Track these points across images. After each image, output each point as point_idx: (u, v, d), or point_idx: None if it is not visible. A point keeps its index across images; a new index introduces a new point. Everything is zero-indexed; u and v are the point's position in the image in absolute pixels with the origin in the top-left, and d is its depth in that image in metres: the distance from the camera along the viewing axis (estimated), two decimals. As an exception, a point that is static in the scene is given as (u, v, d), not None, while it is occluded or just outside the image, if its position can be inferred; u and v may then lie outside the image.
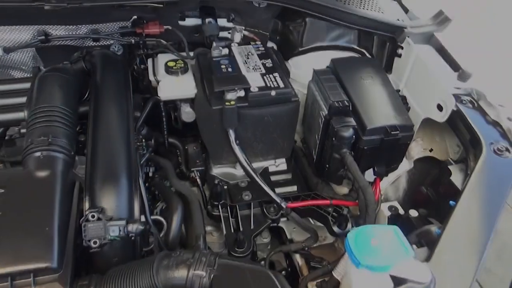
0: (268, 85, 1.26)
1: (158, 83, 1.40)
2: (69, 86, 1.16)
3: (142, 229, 0.90)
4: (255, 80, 1.27)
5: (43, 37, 1.38)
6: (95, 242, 0.89)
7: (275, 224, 1.27)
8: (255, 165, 1.37)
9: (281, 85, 1.27)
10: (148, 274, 0.81)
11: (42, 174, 0.93)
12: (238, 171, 1.38)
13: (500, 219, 0.92)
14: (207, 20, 1.47)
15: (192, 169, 1.34)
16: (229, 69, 1.31)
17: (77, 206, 0.95)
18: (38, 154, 0.96)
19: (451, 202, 0.98)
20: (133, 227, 0.89)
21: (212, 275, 0.79)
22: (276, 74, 1.31)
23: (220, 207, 1.24)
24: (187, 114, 1.46)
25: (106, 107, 1.14)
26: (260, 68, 1.33)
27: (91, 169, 1.01)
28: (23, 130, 1.07)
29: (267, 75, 1.30)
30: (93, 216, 0.90)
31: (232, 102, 1.20)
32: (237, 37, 1.48)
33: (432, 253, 0.85)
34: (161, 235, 1.08)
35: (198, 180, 1.33)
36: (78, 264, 0.88)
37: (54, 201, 0.89)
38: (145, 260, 0.85)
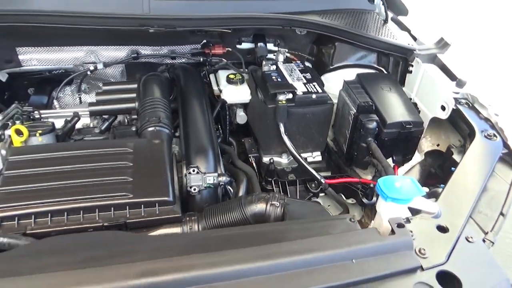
0: (310, 90, 1.65)
1: (220, 92, 1.80)
2: (164, 85, 1.57)
3: (229, 180, 1.25)
4: (299, 87, 1.66)
5: (135, 55, 1.81)
6: (194, 189, 1.25)
7: (315, 198, 1.60)
8: (297, 156, 1.72)
9: (320, 90, 1.65)
10: (238, 207, 1.14)
11: (156, 141, 1.31)
12: (283, 160, 1.73)
13: (489, 181, 1.26)
14: (259, 44, 1.89)
15: (249, 155, 1.69)
16: (279, 79, 1.70)
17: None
18: (152, 128, 1.34)
19: (452, 168, 1.31)
20: (222, 178, 1.25)
21: (283, 206, 1.13)
22: (314, 83, 1.70)
23: (273, 182, 1.58)
24: (241, 117, 1.84)
25: (191, 103, 1.54)
26: (302, 79, 1.73)
27: (185, 144, 1.38)
28: (134, 116, 1.46)
29: (308, 84, 1.69)
30: (193, 170, 1.26)
31: (284, 102, 1.58)
32: (281, 58, 1.88)
33: (437, 199, 1.18)
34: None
35: (253, 163, 1.68)
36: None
37: (165, 158, 1.26)
38: (233, 200, 1.20)
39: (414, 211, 1.12)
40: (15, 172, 1.15)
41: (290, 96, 1.60)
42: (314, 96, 1.62)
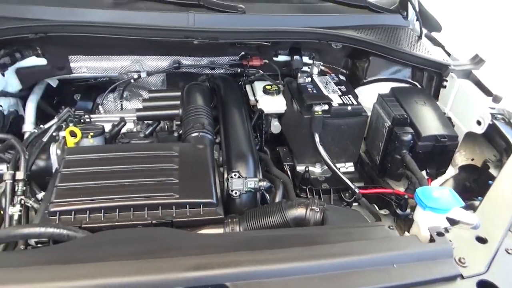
0: (345, 102, 1.69)
1: (257, 102, 1.87)
2: (205, 94, 1.65)
3: (269, 185, 1.30)
4: (334, 99, 1.70)
5: (177, 65, 1.91)
6: (236, 192, 1.30)
7: (349, 207, 1.63)
8: (330, 166, 1.76)
9: (355, 102, 1.70)
10: (279, 211, 1.19)
11: (200, 146, 1.38)
12: (317, 169, 1.77)
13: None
14: (294, 57, 1.96)
15: (284, 163, 1.74)
16: (314, 91, 1.75)
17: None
18: (196, 134, 1.42)
19: (489, 182, 1.33)
20: (263, 183, 1.30)
21: (323, 212, 1.17)
22: (349, 96, 1.74)
23: (307, 190, 1.62)
24: (275, 126, 1.90)
25: (231, 111, 1.62)
26: (337, 91, 1.77)
27: (226, 150, 1.45)
28: (177, 123, 1.54)
29: (343, 96, 1.74)
30: (235, 175, 1.32)
31: (320, 112, 1.63)
32: (315, 70, 1.94)
33: (475, 211, 1.19)
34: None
35: (288, 172, 1.72)
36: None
37: (209, 163, 1.32)
38: (273, 204, 1.25)
39: (452, 222, 1.14)
40: (71, 170, 1.24)
41: (326, 107, 1.65)
42: (349, 108, 1.67)
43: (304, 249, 0.96)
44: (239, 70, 1.96)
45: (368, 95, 1.89)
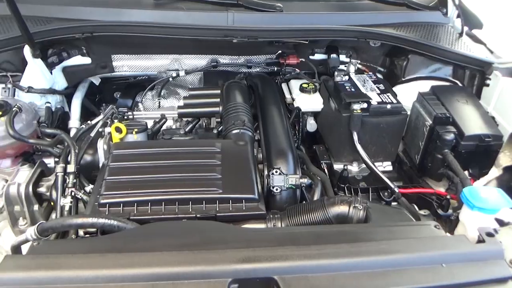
0: (384, 100, 1.67)
1: (293, 100, 1.88)
2: (244, 91, 1.68)
3: (310, 183, 1.31)
4: (373, 97, 1.69)
5: (214, 63, 1.94)
6: (277, 189, 1.31)
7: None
8: (367, 165, 1.75)
9: (394, 101, 1.67)
10: (321, 208, 1.19)
11: (241, 143, 1.40)
12: (354, 168, 1.76)
13: None
14: (331, 55, 1.95)
15: (321, 161, 1.74)
16: (352, 89, 1.74)
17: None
18: (237, 131, 1.44)
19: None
20: (304, 180, 1.31)
21: (366, 209, 1.17)
22: (388, 94, 1.72)
23: (345, 189, 1.62)
24: (311, 125, 1.90)
25: (270, 109, 1.64)
26: (375, 90, 1.75)
27: (266, 147, 1.46)
28: (217, 120, 1.57)
29: (382, 94, 1.72)
30: (276, 171, 1.33)
31: (359, 111, 1.61)
32: (352, 69, 1.92)
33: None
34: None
35: (325, 170, 1.72)
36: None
37: (250, 159, 1.34)
38: (315, 201, 1.25)
39: (501, 223, 1.11)
40: (118, 164, 1.29)
41: (364, 105, 1.64)
42: (389, 106, 1.65)
43: (350, 246, 0.96)
44: (275, 68, 1.97)
45: (406, 94, 1.86)
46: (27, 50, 1.60)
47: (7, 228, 1.43)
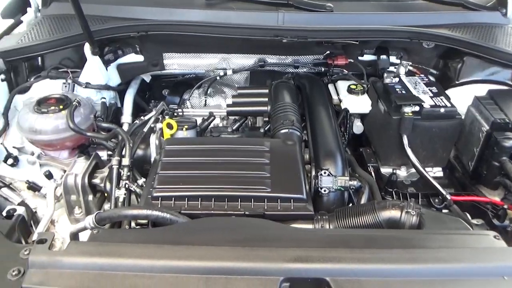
0: (437, 104, 1.62)
1: (340, 101, 1.85)
2: (292, 91, 1.68)
3: (359, 185, 1.29)
4: (425, 100, 1.64)
5: (262, 63, 1.95)
6: (325, 190, 1.30)
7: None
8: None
9: (448, 104, 1.61)
10: (372, 211, 1.17)
11: (289, 143, 1.40)
12: (402, 172, 1.71)
13: None
14: (381, 56, 1.91)
15: (368, 164, 1.71)
16: (403, 92, 1.70)
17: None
18: (285, 130, 1.44)
19: None
20: (353, 182, 1.29)
21: (419, 215, 1.13)
22: (442, 97, 1.66)
23: (393, 193, 1.58)
24: (357, 127, 1.87)
25: (318, 109, 1.62)
26: (428, 92, 1.70)
27: (314, 147, 1.46)
28: (265, 119, 1.58)
29: (435, 97, 1.66)
30: (325, 172, 1.32)
31: (410, 114, 1.57)
32: (402, 71, 1.87)
33: None
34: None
35: (372, 173, 1.69)
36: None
37: (298, 159, 1.34)
38: (365, 204, 1.23)
39: None
40: (170, 159, 1.32)
41: (416, 108, 1.59)
42: (442, 110, 1.59)
43: (405, 251, 0.94)
44: (322, 69, 1.95)
45: (459, 97, 1.78)
46: (87, 48, 1.68)
47: (64, 216, 1.51)
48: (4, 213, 1.42)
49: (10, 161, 1.53)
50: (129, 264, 0.88)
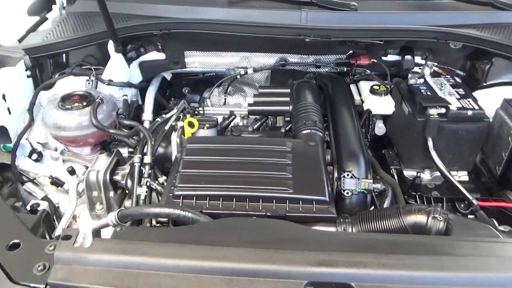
0: (464, 106, 1.57)
1: (362, 102, 1.82)
2: (315, 91, 1.66)
3: (383, 188, 1.26)
4: (452, 102, 1.59)
5: (283, 62, 1.93)
6: (348, 192, 1.28)
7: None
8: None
9: (476, 107, 1.57)
10: (397, 215, 1.14)
11: (311, 143, 1.38)
12: (426, 175, 1.67)
13: None
14: (406, 56, 1.87)
15: (391, 167, 1.67)
16: (428, 93, 1.66)
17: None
18: (307, 131, 1.42)
19: None
20: (377, 185, 1.26)
21: (446, 221, 1.10)
22: (469, 99, 1.61)
23: (417, 197, 1.54)
24: (380, 128, 1.83)
25: (340, 110, 1.60)
26: (454, 94, 1.65)
27: (336, 149, 1.43)
28: (287, 119, 1.57)
29: (462, 99, 1.61)
30: (348, 174, 1.29)
31: (436, 116, 1.53)
32: (427, 71, 1.83)
33: None
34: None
35: (395, 176, 1.65)
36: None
37: (321, 160, 1.32)
38: (389, 207, 1.20)
39: None
40: (192, 158, 1.32)
41: (442, 110, 1.55)
42: (469, 112, 1.54)
43: (432, 259, 0.91)
44: (345, 69, 1.92)
45: (487, 100, 1.73)
46: (110, 45, 1.69)
47: (85, 211, 1.53)
48: (28, 208, 1.45)
49: (34, 156, 1.56)
50: (152, 263, 0.88)
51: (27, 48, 1.68)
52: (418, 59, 1.90)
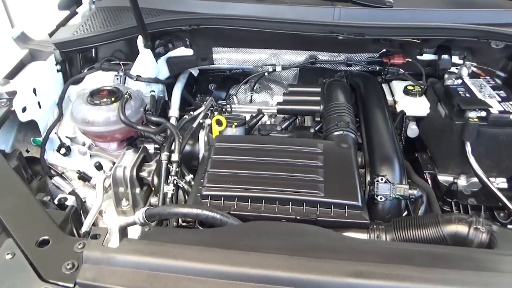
0: (507, 110, 1.49)
1: (395, 103, 1.75)
2: (346, 90, 1.60)
3: (420, 195, 1.20)
4: (492, 105, 1.51)
5: (313, 60, 1.88)
6: (381, 198, 1.23)
7: (502, 229, 1.43)
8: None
9: (519, 111, 1.48)
10: (435, 224, 1.08)
11: (344, 145, 1.33)
12: (462, 181, 1.59)
13: None
14: (442, 56, 1.78)
15: (425, 171, 1.60)
16: (467, 95, 1.57)
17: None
18: (339, 132, 1.37)
19: None
20: (413, 192, 1.20)
21: (490, 233, 1.03)
22: (511, 102, 1.53)
23: (453, 204, 1.47)
24: (412, 130, 1.76)
25: (373, 111, 1.54)
26: (495, 97, 1.57)
27: (369, 151, 1.38)
28: (317, 119, 1.52)
29: (503, 102, 1.53)
30: (382, 179, 1.24)
31: (475, 119, 1.45)
32: (465, 72, 1.74)
33: None
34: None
35: (429, 181, 1.58)
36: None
37: (353, 163, 1.27)
38: (427, 215, 1.14)
39: None
40: (220, 157, 1.29)
41: (483, 114, 1.47)
42: (512, 116, 1.46)
43: (475, 274, 0.85)
44: (377, 68, 1.86)
45: (530, 103, 1.64)
46: (140, 41, 1.68)
47: (111, 207, 1.53)
48: (56, 201, 1.46)
49: (62, 150, 1.56)
50: (182, 266, 0.85)
51: (58, 42, 1.68)
52: (455, 59, 1.81)
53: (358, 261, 0.87)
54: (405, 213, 1.35)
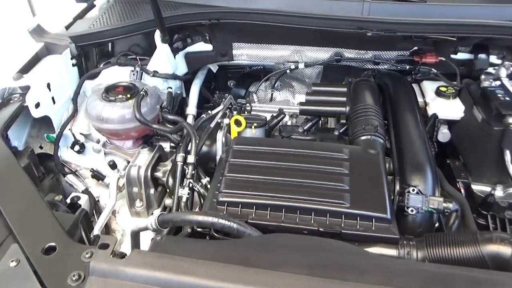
0: (551, 116, 1.36)
1: (426, 104, 1.64)
2: (374, 91, 1.50)
3: (456, 209, 1.10)
4: (536, 110, 1.38)
5: (338, 57, 1.78)
6: (412, 210, 1.13)
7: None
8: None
9: None
10: (473, 243, 0.98)
11: (371, 151, 1.23)
12: (498, 192, 1.47)
13: None
14: (479, 55, 1.65)
15: (458, 180, 1.49)
16: (506, 98, 1.45)
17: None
18: (367, 137, 1.27)
19: None
20: (449, 205, 1.10)
21: (536, 256, 0.93)
22: (557, 108, 1.39)
23: (488, 217, 1.35)
24: (444, 134, 1.64)
25: (404, 114, 1.43)
26: (538, 101, 1.44)
27: (398, 158, 1.27)
28: (342, 121, 1.42)
29: (547, 108, 1.40)
30: (413, 190, 1.14)
31: (517, 125, 1.33)
32: (504, 73, 1.61)
33: None
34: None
35: (462, 190, 1.47)
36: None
37: (382, 171, 1.17)
38: (463, 232, 1.04)
39: None
40: (239, 161, 1.21)
41: (525, 119, 1.35)
42: (558, 123, 1.33)
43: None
44: (407, 67, 1.74)
45: None
46: (157, 35, 1.61)
47: (125, 207, 1.48)
48: (68, 200, 1.42)
49: (76, 147, 1.52)
50: (193, 283, 0.78)
51: (74, 36, 1.63)
52: (493, 59, 1.68)
53: (389, 286, 0.78)
54: (436, 225, 1.25)
